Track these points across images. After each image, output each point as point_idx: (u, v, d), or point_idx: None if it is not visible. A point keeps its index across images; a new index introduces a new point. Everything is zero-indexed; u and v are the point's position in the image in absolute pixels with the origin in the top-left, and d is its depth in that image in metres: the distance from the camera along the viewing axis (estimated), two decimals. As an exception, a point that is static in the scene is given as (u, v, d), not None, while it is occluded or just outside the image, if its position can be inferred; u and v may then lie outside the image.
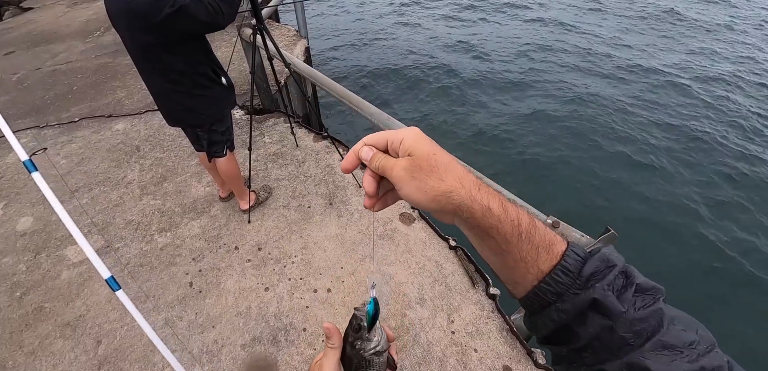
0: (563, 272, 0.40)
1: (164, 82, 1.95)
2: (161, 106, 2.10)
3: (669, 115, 6.21)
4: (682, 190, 4.79)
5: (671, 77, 7.21)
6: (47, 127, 3.90)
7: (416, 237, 2.49)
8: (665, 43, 8.66)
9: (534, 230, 0.42)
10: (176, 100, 2.02)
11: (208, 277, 2.31)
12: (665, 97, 6.66)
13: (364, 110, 2.13)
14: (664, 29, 9.43)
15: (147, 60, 1.87)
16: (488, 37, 9.32)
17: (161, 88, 1.99)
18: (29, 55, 5.84)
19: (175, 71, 1.90)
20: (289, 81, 3.90)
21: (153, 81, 1.97)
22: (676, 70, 7.47)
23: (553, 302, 0.41)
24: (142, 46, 1.79)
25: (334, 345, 0.54)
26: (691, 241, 4.22)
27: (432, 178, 0.42)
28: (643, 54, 8.18)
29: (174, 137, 3.52)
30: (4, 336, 2.10)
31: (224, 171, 2.42)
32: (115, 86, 4.57)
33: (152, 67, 1.90)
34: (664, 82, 7.09)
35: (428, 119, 6.37)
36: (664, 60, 7.86)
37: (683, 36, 9.06)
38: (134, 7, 1.61)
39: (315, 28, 10.38)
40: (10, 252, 2.58)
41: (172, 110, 2.10)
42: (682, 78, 7.18)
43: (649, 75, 7.34)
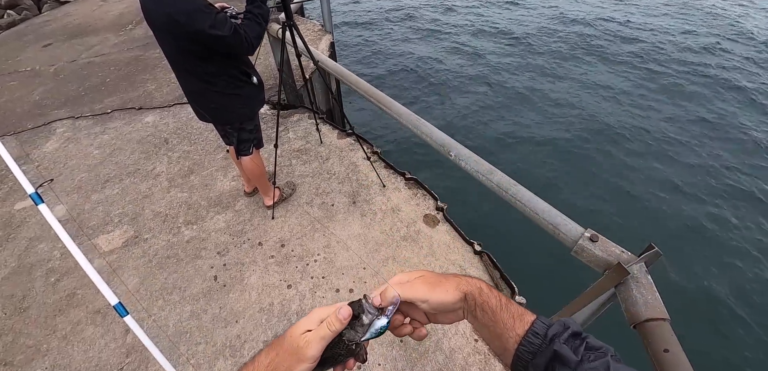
0: (534, 335, 0.53)
1: (197, 82, 1.99)
2: (194, 103, 2.14)
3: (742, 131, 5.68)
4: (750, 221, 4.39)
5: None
6: (82, 118, 4.04)
7: (440, 239, 2.44)
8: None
9: (509, 303, 0.57)
10: (209, 99, 2.06)
11: (232, 272, 2.33)
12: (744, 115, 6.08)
13: (392, 109, 2.09)
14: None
15: (181, 62, 1.92)
16: (533, 32, 8.99)
17: (194, 87, 2.03)
18: (65, 47, 6.07)
19: (208, 73, 1.94)
20: (314, 76, 3.90)
21: (186, 80, 2.02)
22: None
23: (530, 360, 0.52)
24: (177, 50, 1.84)
25: (334, 330, 0.53)
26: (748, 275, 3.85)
27: (449, 281, 0.60)
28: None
29: (201, 131, 3.58)
30: (40, 320, 2.18)
31: (250, 169, 2.44)
32: (146, 79, 4.69)
33: (186, 69, 1.95)
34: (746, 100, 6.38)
35: (462, 119, 6.21)
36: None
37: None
38: (174, 16, 1.65)
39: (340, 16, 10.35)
40: (46, 239, 2.67)
41: (204, 108, 2.13)
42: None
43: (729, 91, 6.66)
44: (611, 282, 1.28)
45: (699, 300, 3.62)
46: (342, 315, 0.53)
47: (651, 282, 1.22)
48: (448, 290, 0.58)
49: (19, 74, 5.33)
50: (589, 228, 1.31)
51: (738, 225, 4.28)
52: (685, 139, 5.54)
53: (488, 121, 6.11)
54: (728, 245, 4.09)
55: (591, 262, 1.32)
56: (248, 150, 2.36)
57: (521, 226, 1.78)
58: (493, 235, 3.80)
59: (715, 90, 6.66)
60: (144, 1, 1.74)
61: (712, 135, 5.63)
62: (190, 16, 1.67)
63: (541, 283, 3.05)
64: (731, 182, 4.82)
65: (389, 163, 3.02)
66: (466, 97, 6.78)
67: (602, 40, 8.59)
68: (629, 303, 1.23)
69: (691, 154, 5.28)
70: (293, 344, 0.52)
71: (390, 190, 2.80)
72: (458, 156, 1.65)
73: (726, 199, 4.61)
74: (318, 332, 0.53)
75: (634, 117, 6.02)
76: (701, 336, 3.35)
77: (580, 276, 1.99)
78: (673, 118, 5.99)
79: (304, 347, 0.52)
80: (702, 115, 6.04)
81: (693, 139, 5.53)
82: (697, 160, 5.16)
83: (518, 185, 1.48)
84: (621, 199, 4.62)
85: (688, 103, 6.36)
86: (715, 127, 5.78)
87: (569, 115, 6.11)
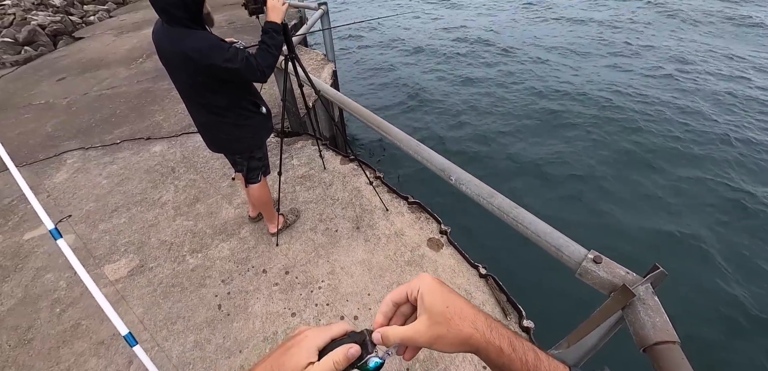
0: None
1: (208, 114, 2.06)
2: (204, 134, 2.21)
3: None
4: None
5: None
6: (92, 149, 4.13)
7: (445, 263, 2.42)
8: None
9: (539, 362, 0.47)
10: (220, 130, 2.13)
11: (237, 300, 2.32)
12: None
13: (393, 135, 2.12)
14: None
15: (194, 96, 1.99)
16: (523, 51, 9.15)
17: (206, 119, 2.10)
18: (78, 81, 6.27)
19: (220, 106, 2.01)
20: (317, 103, 3.98)
21: (198, 113, 2.09)
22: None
23: None
24: (190, 85, 1.91)
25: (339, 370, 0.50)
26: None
27: (451, 330, 0.49)
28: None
29: (207, 159, 3.64)
30: (43, 352, 2.18)
31: (257, 196, 2.47)
32: (154, 110, 4.80)
33: (198, 102, 2.02)
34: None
35: (462, 141, 6.27)
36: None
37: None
38: (189, 54, 1.73)
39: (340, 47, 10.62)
40: (53, 269, 2.69)
41: (215, 139, 2.20)
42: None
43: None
44: (618, 304, 1.26)
45: (709, 321, 3.52)
46: (350, 355, 0.50)
47: (658, 303, 1.20)
48: (454, 343, 0.50)
49: (33, 107, 5.49)
50: (592, 250, 1.30)
51: (748, 243, 4.20)
52: (693, 154, 5.51)
53: (488, 142, 6.15)
54: (737, 263, 4.00)
55: (596, 284, 1.30)
56: (257, 178, 2.41)
57: (527, 248, 1.76)
58: (498, 257, 3.77)
59: (724, 105, 6.66)
60: (157, 39, 1.81)
61: (722, 152, 5.59)
62: (203, 52, 1.74)
63: (550, 306, 2.99)
64: (738, 199, 4.76)
65: (392, 187, 3.04)
66: (466, 119, 6.85)
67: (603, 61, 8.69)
68: (637, 326, 1.20)
69: (698, 170, 5.24)
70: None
71: (393, 214, 2.80)
72: (459, 180, 1.66)
73: (735, 216, 4.54)
74: (323, 368, 0.49)
75: (641, 134, 6.02)
76: (713, 358, 3.24)
77: (588, 298, 1.96)
78: (679, 133, 5.98)
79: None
80: (709, 130, 6.03)
81: (701, 156, 5.50)
82: (704, 176, 5.12)
83: (519, 208, 1.48)
84: (625, 218, 4.57)
85: (692, 117, 6.36)
86: (726, 144, 5.75)
87: (572, 136, 6.13)
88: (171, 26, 1.74)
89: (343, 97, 2.58)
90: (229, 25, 7.92)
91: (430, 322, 0.50)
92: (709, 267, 4.00)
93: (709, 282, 3.85)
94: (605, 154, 5.68)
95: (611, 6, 12.33)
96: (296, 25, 7.01)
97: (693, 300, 3.66)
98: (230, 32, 7.32)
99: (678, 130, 6.08)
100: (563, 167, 5.48)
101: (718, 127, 6.11)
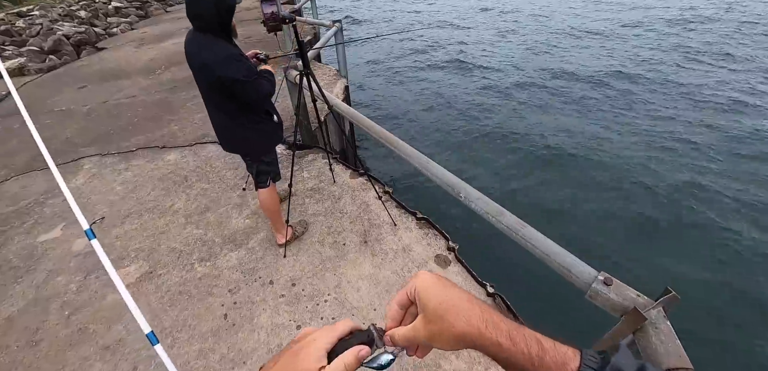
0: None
1: (224, 117, 2.21)
2: (220, 135, 2.35)
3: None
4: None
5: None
6: (108, 155, 4.22)
7: (452, 281, 2.39)
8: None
9: (544, 353, 0.45)
10: (233, 132, 2.28)
11: (243, 310, 2.32)
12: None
13: (402, 151, 2.13)
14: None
15: (212, 99, 2.17)
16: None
17: (221, 121, 2.26)
18: (99, 90, 6.47)
19: (234, 110, 2.17)
20: (328, 117, 4.03)
21: (214, 114, 2.25)
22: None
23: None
24: (209, 88, 2.10)
25: (335, 337, 0.51)
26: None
27: (445, 328, 0.48)
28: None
29: (219, 169, 3.69)
30: (50, 355, 2.20)
31: (265, 202, 2.53)
32: (170, 120, 4.91)
33: (215, 105, 2.19)
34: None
35: (472, 157, 6.27)
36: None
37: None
38: (208, 63, 1.93)
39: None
40: (64, 272, 2.74)
41: (229, 139, 2.35)
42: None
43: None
44: (629, 328, 1.23)
45: (723, 348, 3.40)
46: (361, 356, 0.50)
47: (671, 328, 1.17)
48: (449, 340, 0.48)
49: (54, 113, 5.66)
50: (602, 272, 1.28)
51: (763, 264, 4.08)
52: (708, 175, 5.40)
53: (497, 156, 6.13)
54: (753, 288, 3.88)
55: (606, 306, 1.27)
56: (266, 182, 2.50)
57: (536, 267, 1.74)
58: (506, 276, 3.71)
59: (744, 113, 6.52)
60: (187, 44, 2.01)
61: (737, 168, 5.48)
62: (218, 62, 1.91)
63: (560, 327, 2.90)
64: (756, 221, 4.64)
65: (400, 203, 3.03)
66: (478, 134, 6.86)
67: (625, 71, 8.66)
68: (650, 351, 1.17)
69: (712, 191, 5.13)
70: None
71: (401, 230, 2.79)
72: (468, 197, 1.65)
73: (750, 238, 4.41)
74: (324, 331, 0.51)
75: (649, 150, 5.94)
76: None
77: (598, 320, 1.91)
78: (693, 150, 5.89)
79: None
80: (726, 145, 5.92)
81: (716, 176, 5.39)
82: (719, 198, 5.01)
83: (528, 226, 1.46)
84: (635, 240, 4.48)
85: (711, 131, 6.26)
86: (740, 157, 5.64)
87: (584, 154, 6.08)
88: (201, 33, 1.94)
89: (355, 112, 2.61)
90: (246, 40, 8.12)
91: (426, 320, 0.50)
92: (725, 292, 3.88)
93: (724, 308, 3.73)
94: (618, 173, 5.61)
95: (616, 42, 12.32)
96: (311, 40, 7.16)
97: (707, 327, 3.55)
98: (247, 47, 7.50)
99: (696, 152, 5.99)
100: (573, 185, 5.43)
101: (737, 149, 6.00)
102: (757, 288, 3.92)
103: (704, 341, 3.44)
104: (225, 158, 3.86)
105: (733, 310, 3.72)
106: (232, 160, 3.81)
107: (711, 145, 6.19)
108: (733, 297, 3.83)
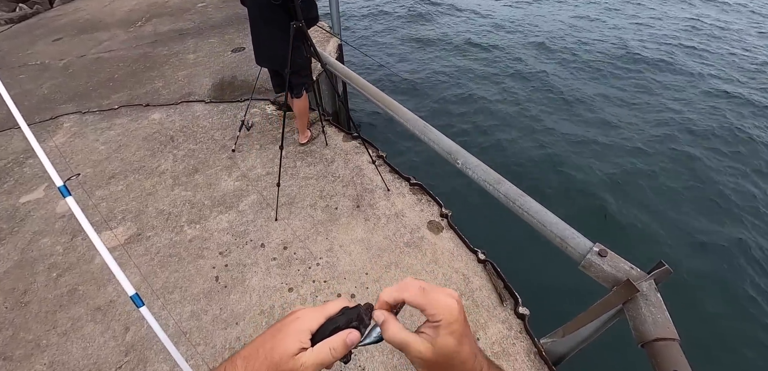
0: None
1: (276, 30, 2.66)
2: (264, 49, 2.81)
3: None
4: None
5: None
6: (89, 113, 4.05)
7: (444, 247, 2.41)
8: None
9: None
10: (277, 48, 2.70)
11: (234, 273, 2.32)
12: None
13: (399, 114, 2.07)
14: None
15: (264, 14, 2.62)
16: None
17: (272, 33, 2.70)
18: (75, 42, 6.13)
19: (282, 27, 2.55)
20: (321, 77, 3.90)
21: (264, 28, 2.70)
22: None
23: None
24: (261, 5, 2.58)
25: (337, 356, 0.47)
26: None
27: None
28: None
29: (207, 129, 3.58)
30: (40, 315, 2.18)
31: (299, 106, 3.00)
32: (153, 76, 4.70)
33: (266, 20, 2.66)
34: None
35: (468, 124, 6.17)
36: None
37: None
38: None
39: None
40: (49, 234, 2.68)
41: (274, 54, 2.78)
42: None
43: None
44: (619, 298, 1.25)
45: (711, 321, 3.55)
46: (350, 341, 0.46)
47: (661, 300, 1.19)
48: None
49: (28, 67, 5.38)
50: (598, 243, 1.29)
51: (758, 246, 4.20)
52: (708, 154, 5.44)
53: (496, 128, 6.08)
54: (745, 266, 4.00)
55: (599, 277, 1.29)
56: (300, 93, 2.95)
57: (528, 236, 1.75)
58: (498, 244, 3.76)
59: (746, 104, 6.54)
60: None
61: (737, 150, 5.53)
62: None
63: (547, 296, 3.01)
64: (751, 201, 4.74)
65: (394, 168, 3.00)
66: (475, 103, 6.76)
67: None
68: (638, 321, 1.20)
69: (712, 170, 5.19)
70: (283, 367, 0.44)
71: (394, 195, 2.78)
72: (466, 164, 1.63)
73: (744, 217, 4.53)
74: (317, 357, 0.45)
75: (654, 127, 5.95)
76: (711, 359, 3.27)
77: (587, 291, 1.95)
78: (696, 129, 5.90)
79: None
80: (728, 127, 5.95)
81: (715, 155, 5.44)
82: (718, 177, 5.07)
83: (526, 196, 1.45)
84: (631, 213, 4.55)
85: (713, 114, 6.26)
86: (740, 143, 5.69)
87: (590, 127, 6.07)
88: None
89: (350, 72, 2.52)
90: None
91: (433, 359, 0.45)
92: (720, 266, 3.97)
93: (718, 283, 3.83)
94: (618, 146, 5.61)
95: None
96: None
97: (699, 300, 3.66)
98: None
99: (704, 127, 5.99)
100: (575, 156, 5.43)
101: (740, 123, 6.01)
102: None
103: (696, 313, 3.55)
104: (212, 117, 3.74)
105: (731, 285, 3.82)
106: (220, 119, 3.70)
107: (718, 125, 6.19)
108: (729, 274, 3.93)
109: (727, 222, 4.48)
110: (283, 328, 0.47)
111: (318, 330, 0.47)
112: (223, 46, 5.29)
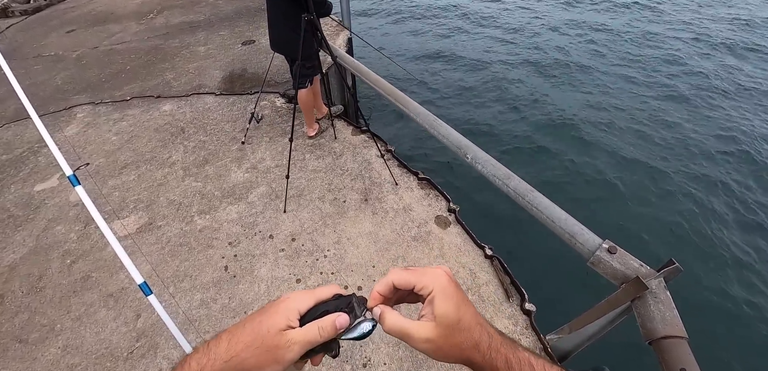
0: None
1: (283, 19, 2.75)
2: (275, 35, 2.89)
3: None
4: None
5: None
6: (102, 104, 4.11)
7: (451, 242, 2.41)
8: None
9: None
10: (287, 35, 2.78)
11: (243, 263, 2.35)
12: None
13: (409, 108, 2.07)
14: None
15: (280, 5, 2.74)
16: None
17: (281, 24, 2.79)
18: (88, 34, 6.20)
19: (291, 16, 2.63)
20: (331, 71, 3.90)
21: (281, 19, 2.78)
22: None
23: None
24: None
25: (325, 336, 0.47)
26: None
27: (454, 345, 0.46)
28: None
29: (217, 121, 3.61)
30: (55, 300, 2.24)
31: (303, 99, 3.00)
32: (164, 68, 4.75)
33: (282, 12, 2.75)
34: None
35: (480, 120, 6.11)
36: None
37: None
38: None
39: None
40: (64, 221, 2.73)
41: (285, 41, 2.86)
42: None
43: None
44: (628, 296, 1.24)
45: (721, 320, 3.50)
46: (340, 324, 0.46)
47: (669, 298, 1.18)
48: (453, 358, 0.47)
49: (43, 59, 5.46)
50: (607, 240, 1.28)
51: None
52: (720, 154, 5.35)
53: (508, 122, 6.03)
54: (755, 267, 3.94)
55: (607, 274, 1.28)
56: (304, 84, 2.95)
57: (536, 232, 1.74)
58: (505, 240, 3.75)
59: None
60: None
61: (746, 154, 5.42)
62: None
63: (554, 292, 2.99)
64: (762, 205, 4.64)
65: (402, 162, 3.00)
66: (488, 100, 6.69)
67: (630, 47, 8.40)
68: (646, 318, 1.19)
69: (722, 171, 5.10)
70: (269, 342, 0.44)
71: (402, 189, 2.78)
72: (475, 159, 1.62)
73: (758, 217, 4.44)
74: (305, 335, 0.45)
75: (663, 128, 5.86)
76: (721, 359, 3.24)
77: (594, 288, 1.94)
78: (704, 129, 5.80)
79: (285, 348, 0.44)
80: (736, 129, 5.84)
81: (726, 157, 5.34)
82: (728, 179, 4.98)
83: (535, 191, 1.45)
84: (643, 212, 4.49)
85: (721, 114, 6.14)
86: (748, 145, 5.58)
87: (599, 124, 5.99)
88: None
89: (360, 65, 2.52)
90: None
91: (437, 334, 0.45)
92: (729, 267, 3.92)
93: (727, 283, 3.78)
94: (630, 145, 5.52)
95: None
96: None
97: (709, 300, 3.62)
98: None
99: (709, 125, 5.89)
100: (586, 154, 5.37)
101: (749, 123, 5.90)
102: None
103: (705, 312, 3.51)
104: (222, 110, 3.77)
105: (740, 286, 3.76)
106: (230, 111, 3.73)
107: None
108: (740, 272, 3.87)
109: (739, 222, 4.41)
110: (273, 306, 0.47)
111: (307, 312, 0.48)
112: (233, 39, 5.32)
